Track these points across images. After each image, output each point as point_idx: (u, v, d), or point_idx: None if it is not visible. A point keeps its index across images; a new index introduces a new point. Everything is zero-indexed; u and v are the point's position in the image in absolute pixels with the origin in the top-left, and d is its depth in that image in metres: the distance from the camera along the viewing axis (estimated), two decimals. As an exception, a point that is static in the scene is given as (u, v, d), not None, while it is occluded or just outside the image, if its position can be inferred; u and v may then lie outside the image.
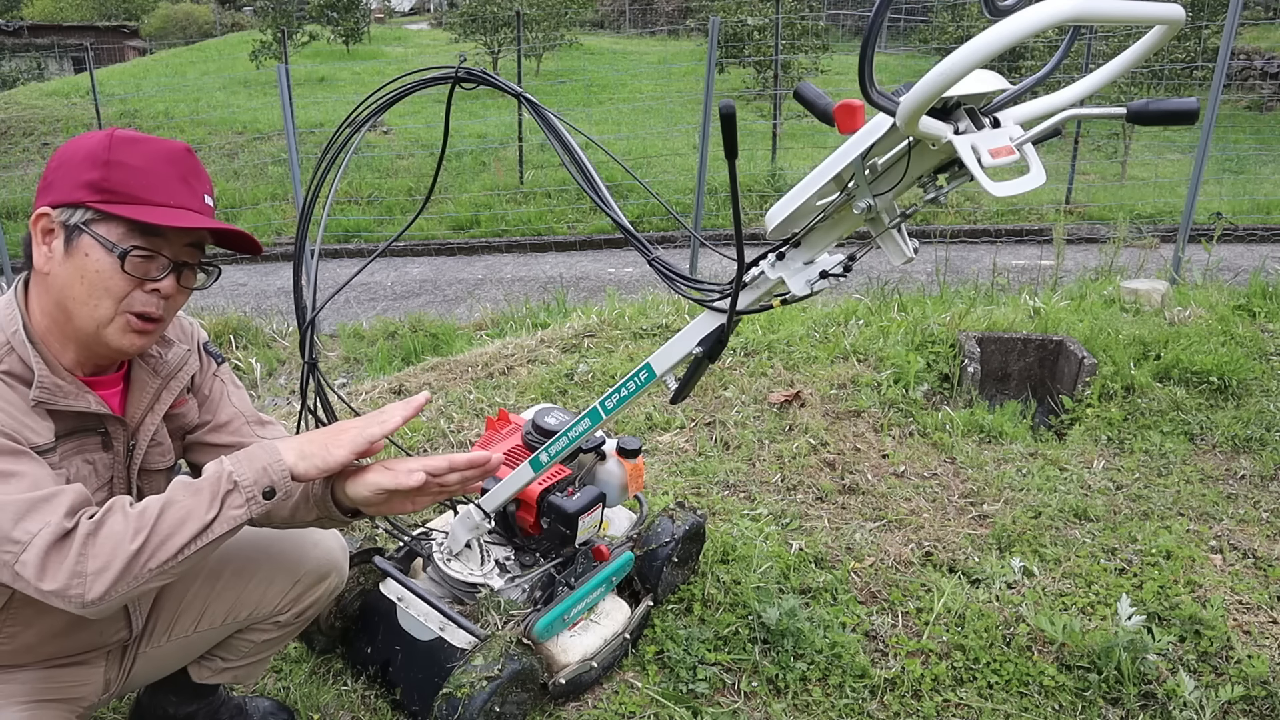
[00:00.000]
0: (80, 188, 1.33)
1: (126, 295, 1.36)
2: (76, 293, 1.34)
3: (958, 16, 18.27)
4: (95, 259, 1.33)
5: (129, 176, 1.34)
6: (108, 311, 1.35)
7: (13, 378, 1.33)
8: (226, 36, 26.22)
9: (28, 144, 14.43)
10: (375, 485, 1.41)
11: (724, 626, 2.31)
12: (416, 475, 1.38)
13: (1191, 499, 3.07)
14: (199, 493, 1.29)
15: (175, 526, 1.26)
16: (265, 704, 1.99)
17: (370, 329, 6.75)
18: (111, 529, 1.24)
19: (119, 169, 1.33)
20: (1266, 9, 19.23)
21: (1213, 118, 6.61)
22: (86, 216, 1.33)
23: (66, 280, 1.35)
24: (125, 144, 1.35)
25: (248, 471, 1.31)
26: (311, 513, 1.56)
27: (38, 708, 1.44)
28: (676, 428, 3.52)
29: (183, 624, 1.68)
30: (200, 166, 1.43)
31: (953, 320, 4.43)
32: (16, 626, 1.43)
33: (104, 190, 1.33)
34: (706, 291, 1.73)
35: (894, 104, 1.27)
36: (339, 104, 14.46)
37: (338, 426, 1.42)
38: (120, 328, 1.37)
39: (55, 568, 1.20)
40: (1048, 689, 2.17)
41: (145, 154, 1.36)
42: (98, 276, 1.34)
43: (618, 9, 29.50)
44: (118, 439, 1.49)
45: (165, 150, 1.38)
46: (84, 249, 1.33)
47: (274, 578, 1.71)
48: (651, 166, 12.17)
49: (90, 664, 1.57)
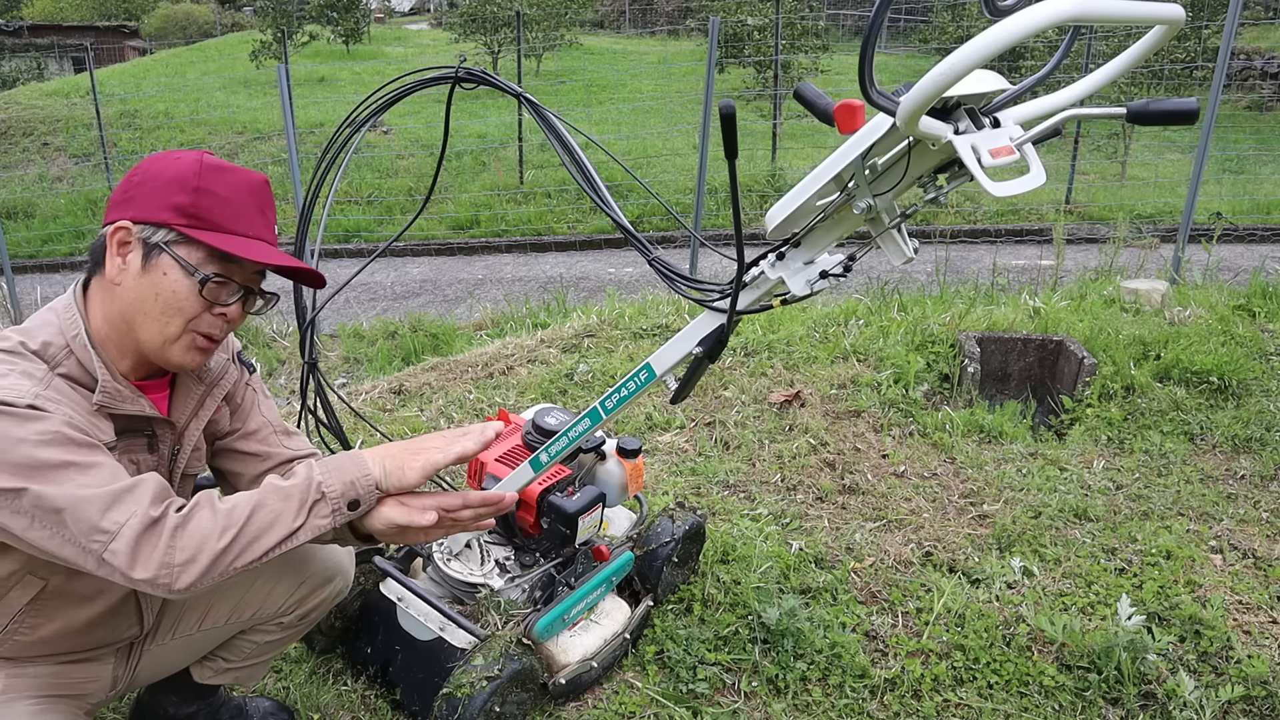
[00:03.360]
0: (167, 209, 1.37)
1: (197, 317, 1.41)
2: (149, 308, 1.39)
3: (958, 16, 18.27)
4: (173, 279, 1.38)
5: (215, 205, 1.39)
6: (176, 330, 1.40)
7: (71, 381, 1.36)
8: (226, 36, 26.22)
9: (28, 144, 14.43)
10: (389, 520, 1.42)
11: (724, 626, 2.31)
12: (429, 515, 1.39)
13: (1191, 499, 3.07)
14: (289, 498, 1.32)
15: (263, 530, 1.29)
16: (265, 704, 1.99)
17: (370, 329, 6.75)
18: (200, 524, 1.27)
19: (207, 196, 1.38)
20: (1266, 9, 19.23)
21: (1213, 118, 6.61)
22: (169, 237, 1.38)
23: (139, 295, 1.39)
24: (214, 172, 1.40)
25: (336, 483, 1.34)
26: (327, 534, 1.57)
27: (48, 702, 1.46)
28: (676, 428, 3.52)
29: (187, 622, 1.69)
30: (272, 198, 1.49)
31: (953, 320, 4.43)
32: (40, 619, 1.45)
33: (191, 215, 1.37)
34: (706, 291, 1.73)
35: (894, 104, 1.27)
36: (339, 104, 14.46)
37: (416, 444, 1.43)
38: (185, 345, 1.42)
39: (146, 557, 1.23)
40: (1048, 689, 2.17)
41: (231, 184, 1.42)
42: (173, 296, 1.38)
43: (618, 9, 29.50)
44: (164, 442, 1.52)
45: (248, 182, 1.44)
46: (163, 268, 1.38)
47: (280, 579, 1.72)
48: (651, 166, 12.17)
49: (99, 661, 1.58)
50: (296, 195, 7.71)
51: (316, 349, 2.08)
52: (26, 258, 10.90)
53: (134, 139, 14.28)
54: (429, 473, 1.38)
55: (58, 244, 11.35)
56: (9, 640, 1.45)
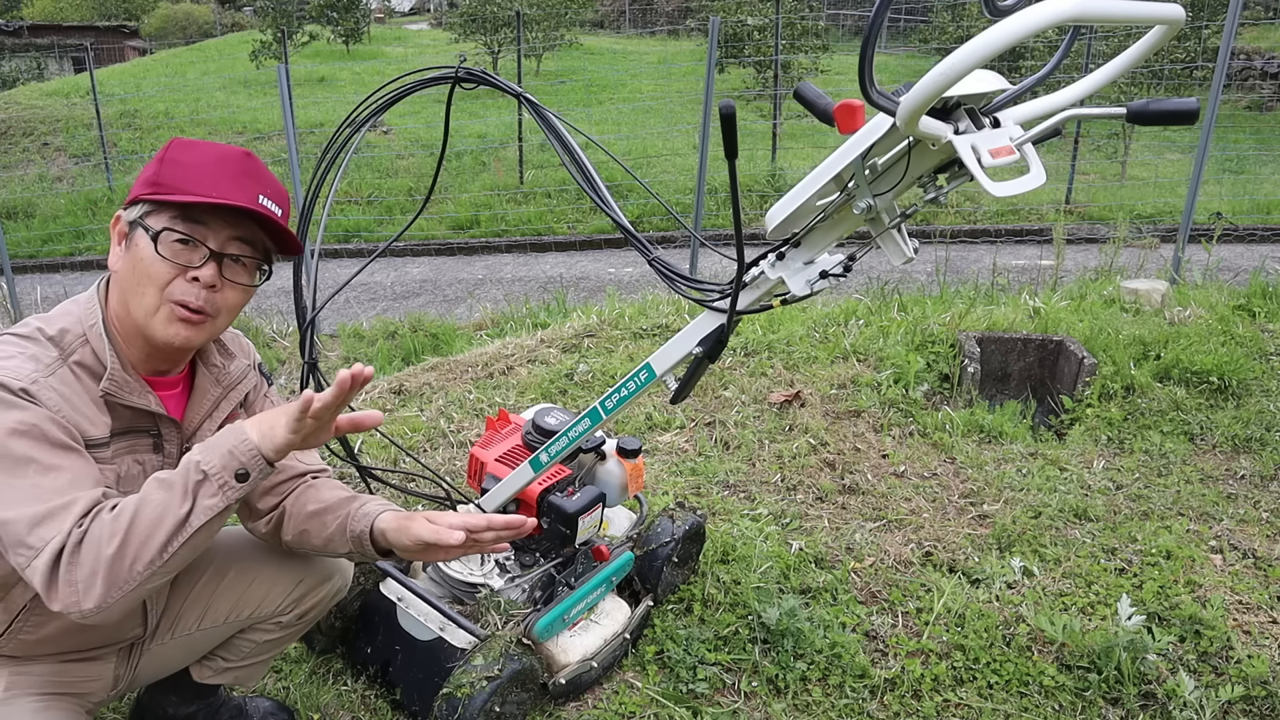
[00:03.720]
0: (140, 185, 1.43)
1: (168, 283, 1.40)
2: (131, 284, 1.41)
3: (958, 16, 18.27)
4: (141, 247, 1.41)
5: (179, 172, 1.41)
6: (153, 299, 1.40)
7: (82, 368, 1.38)
8: (226, 36, 26.22)
9: (28, 144, 14.43)
10: (416, 537, 1.44)
11: (724, 626, 2.31)
12: (458, 535, 1.40)
13: (1191, 499, 3.07)
14: (171, 488, 1.28)
15: (152, 526, 1.26)
16: (265, 704, 1.99)
17: (370, 329, 6.75)
18: (92, 535, 1.25)
19: (171, 165, 1.42)
20: (1266, 9, 19.22)
21: (1213, 118, 6.61)
22: (142, 211, 1.42)
23: (123, 274, 1.43)
24: (181, 146, 1.45)
25: (214, 458, 1.29)
26: (346, 546, 1.60)
27: (51, 700, 1.46)
28: (676, 428, 3.52)
29: (186, 621, 1.69)
30: (261, 169, 1.49)
31: (953, 320, 4.43)
32: (43, 617, 1.45)
33: (155, 184, 1.41)
34: (706, 291, 1.73)
35: (894, 104, 1.27)
36: (339, 104, 14.46)
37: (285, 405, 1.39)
38: (165, 317, 1.41)
39: (56, 582, 1.23)
40: (1048, 689, 2.17)
41: (198, 154, 1.44)
42: (142, 264, 1.40)
43: (618, 9, 29.50)
44: (170, 441, 1.52)
45: (218, 152, 1.46)
46: (136, 240, 1.41)
47: (278, 578, 1.73)
48: (651, 166, 12.17)
49: (101, 660, 1.59)
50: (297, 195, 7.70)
51: (316, 349, 2.08)
52: (26, 258, 10.90)
53: (134, 139, 14.28)
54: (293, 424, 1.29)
55: (58, 244, 11.35)
56: (14, 639, 1.45)
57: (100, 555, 1.23)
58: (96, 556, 1.23)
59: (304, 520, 1.63)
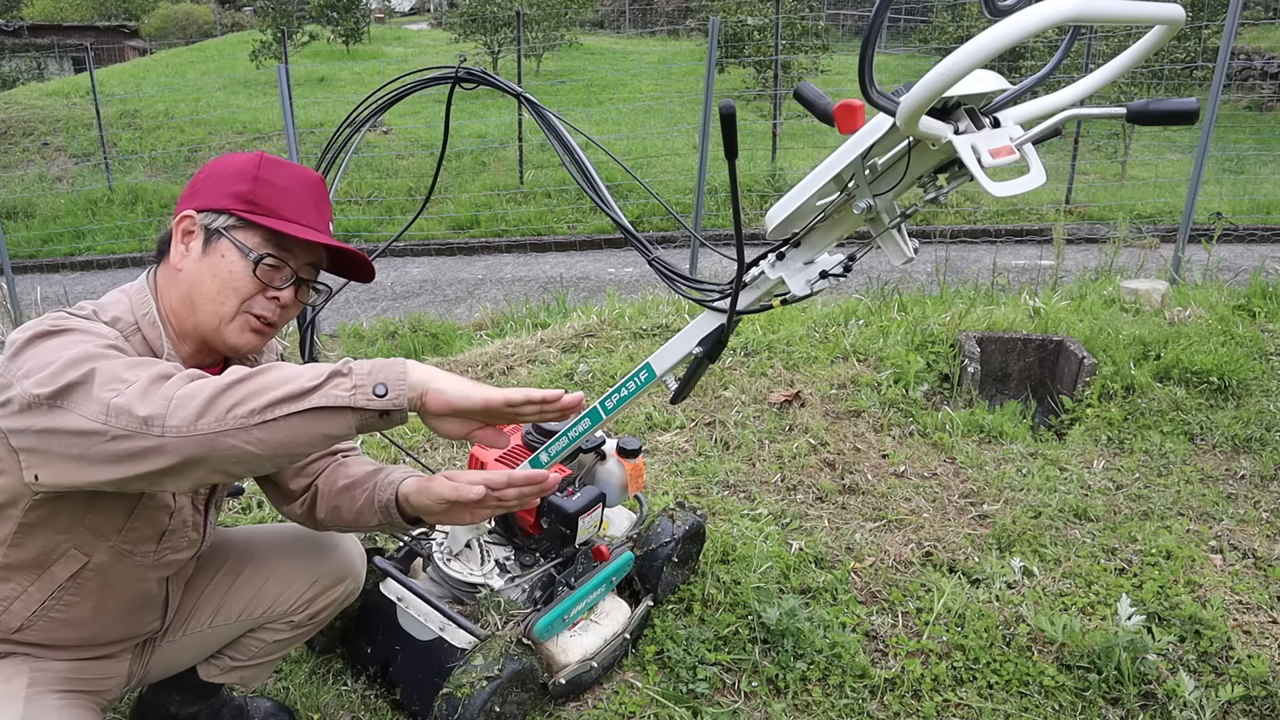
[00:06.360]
0: (227, 197, 1.46)
1: (251, 298, 1.47)
2: (206, 289, 1.45)
3: (958, 16, 18.27)
4: (230, 260, 1.45)
5: (272, 193, 1.47)
6: (231, 309, 1.46)
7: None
8: (226, 36, 26.21)
9: (28, 144, 14.43)
10: (438, 495, 1.46)
11: (724, 626, 2.31)
12: (477, 489, 1.40)
13: (1191, 499, 3.07)
14: (310, 368, 1.24)
15: (273, 383, 1.19)
16: (266, 704, 2.00)
17: (370, 329, 6.75)
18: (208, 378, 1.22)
19: (264, 185, 1.47)
20: (1266, 9, 19.22)
21: (1213, 118, 6.61)
22: (229, 222, 1.46)
23: (198, 277, 1.45)
24: (272, 165, 1.50)
25: (363, 364, 1.25)
26: (375, 518, 1.61)
27: (71, 697, 1.47)
28: (676, 428, 3.52)
29: (199, 618, 1.71)
30: (327, 194, 1.58)
31: (953, 320, 4.43)
32: (77, 597, 1.46)
33: (249, 202, 1.46)
34: (706, 291, 1.74)
35: (894, 104, 1.27)
36: (339, 104, 14.45)
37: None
38: (240, 326, 1.47)
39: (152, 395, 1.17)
40: (1048, 689, 2.17)
41: (288, 176, 1.51)
42: (230, 277, 1.45)
43: (618, 9, 29.50)
44: None
45: (304, 176, 1.53)
46: (221, 250, 1.45)
47: (292, 577, 1.75)
48: (651, 166, 12.17)
49: (117, 658, 1.60)
50: (296, 195, 7.70)
51: (317, 349, 2.08)
52: (26, 258, 10.89)
53: (134, 139, 14.28)
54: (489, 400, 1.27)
55: (58, 244, 11.35)
56: (44, 617, 1.45)
57: (208, 384, 1.19)
58: (204, 384, 1.19)
59: (335, 496, 1.66)
